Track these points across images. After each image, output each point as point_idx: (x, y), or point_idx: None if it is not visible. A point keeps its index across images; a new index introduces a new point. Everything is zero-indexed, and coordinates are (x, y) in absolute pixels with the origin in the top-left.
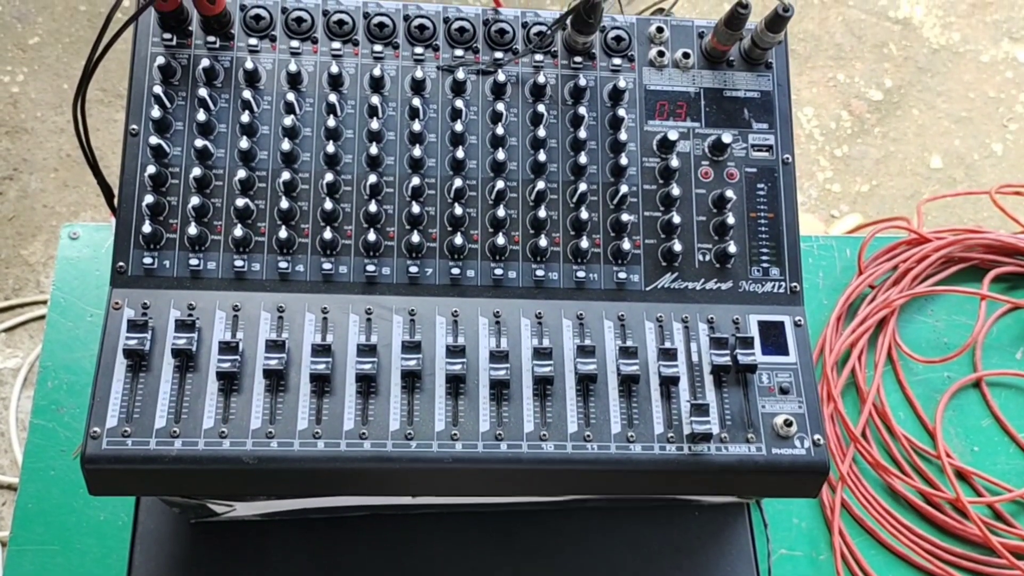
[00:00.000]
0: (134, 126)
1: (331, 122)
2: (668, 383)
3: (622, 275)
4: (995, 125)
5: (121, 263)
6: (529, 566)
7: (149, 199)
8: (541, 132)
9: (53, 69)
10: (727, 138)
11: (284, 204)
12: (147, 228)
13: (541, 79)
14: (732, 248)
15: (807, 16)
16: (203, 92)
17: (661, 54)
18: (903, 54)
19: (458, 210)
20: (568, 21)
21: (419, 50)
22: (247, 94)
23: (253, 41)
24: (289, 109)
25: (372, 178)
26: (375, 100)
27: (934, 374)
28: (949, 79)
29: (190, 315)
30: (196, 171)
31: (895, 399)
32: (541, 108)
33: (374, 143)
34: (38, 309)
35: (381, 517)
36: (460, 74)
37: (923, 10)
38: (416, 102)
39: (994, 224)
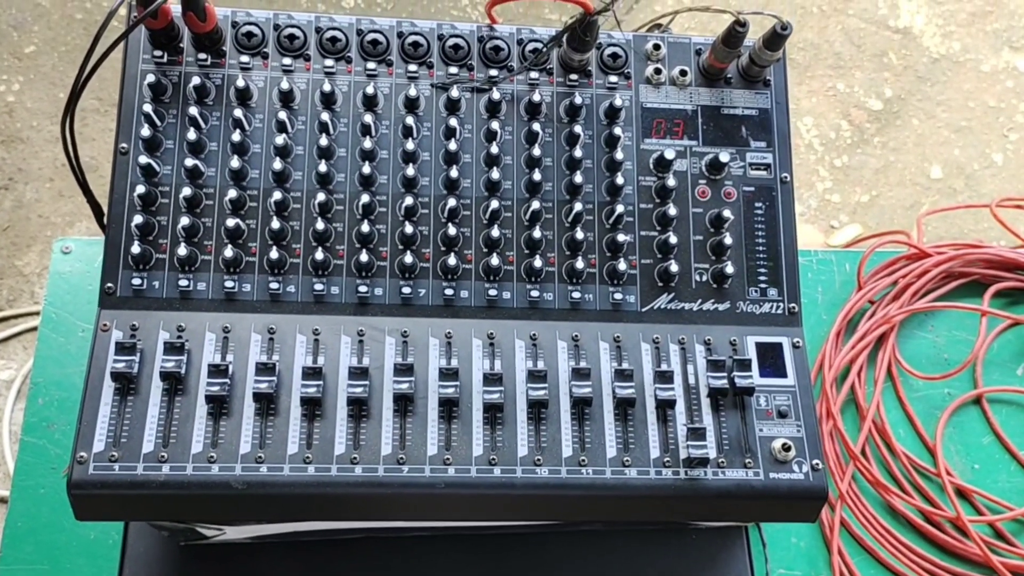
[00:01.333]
0: (124, 144)
1: (324, 141)
2: (664, 406)
3: (618, 296)
4: (995, 135)
5: (110, 284)
6: None
7: (138, 219)
8: (536, 151)
9: (49, 78)
10: (725, 156)
11: (275, 224)
12: (136, 248)
13: (536, 97)
14: (729, 268)
15: (806, 25)
16: (194, 110)
17: (658, 71)
18: (903, 63)
19: (451, 230)
20: (564, 38)
21: (413, 68)
22: (238, 112)
23: (245, 58)
24: (281, 128)
25: (365, 198)
26: (368, 118)
27: (934, 391)
28: (949, 88)
29: (179, 337)
30: (186, 191)
31: (895, 416)
32: (536, 126)
33: (366, 162)
34: (32, 320)
35: (373, 540)
36: (454, 92)
37: (923, 19)
38: (410, 120)
39: (994, 235)
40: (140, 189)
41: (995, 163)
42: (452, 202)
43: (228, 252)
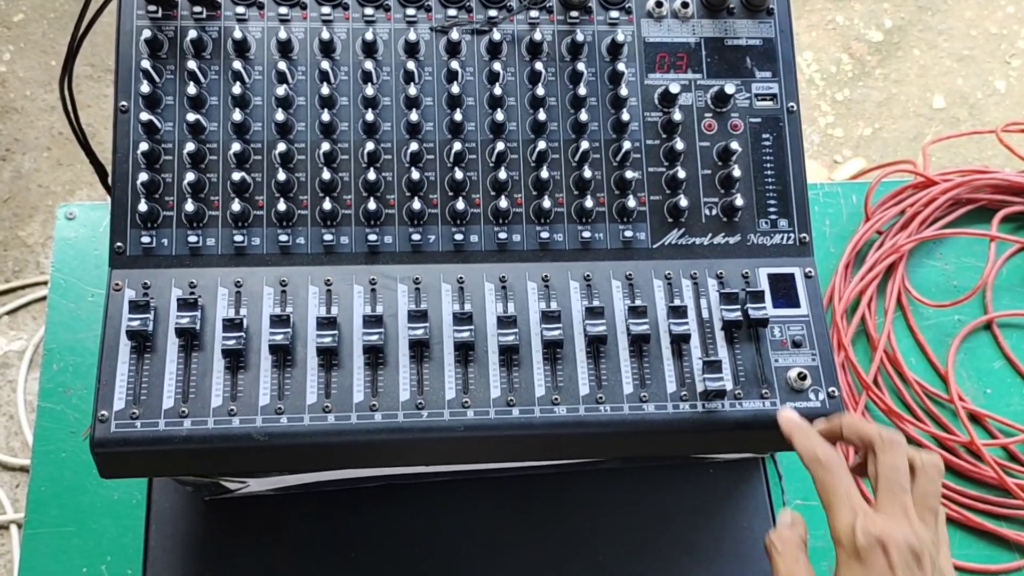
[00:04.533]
0: (123, 103)
1: (325, 90)
2: (679, 341)
3: (628, 233)
4: (998, 62)
5: (119, 243)
6: (544, 530)
7: (143, 177)
8: (540, 90)
9: (40, 46)
10: (730, 88)
11: (281, 176)
12: (143, 207)
13: (537, 36)
14: (739, 201)
15: None
16: (192, 64)
17: (659, 4)
18: None
19: (458, 174)
20: None
21: (411, 11)
22: (237, 65)
23: (240, 9)
24: (281, 78)
25: (369, 145)
26: (368, 65)
27: (944, 318)
28: (950, 17)
29: (192, 293)
30: (190, 146)
31: (906, 345)
32: (539, 66)
33: (370, 109)
34: (39, 290)
35: (395, 487)
36: (454, 35)
37: None
38: (411, 65)
39: (999, 163)
40: (143, 147)
41: (998, 91)
42: (458, 146)
43: (235, 206)
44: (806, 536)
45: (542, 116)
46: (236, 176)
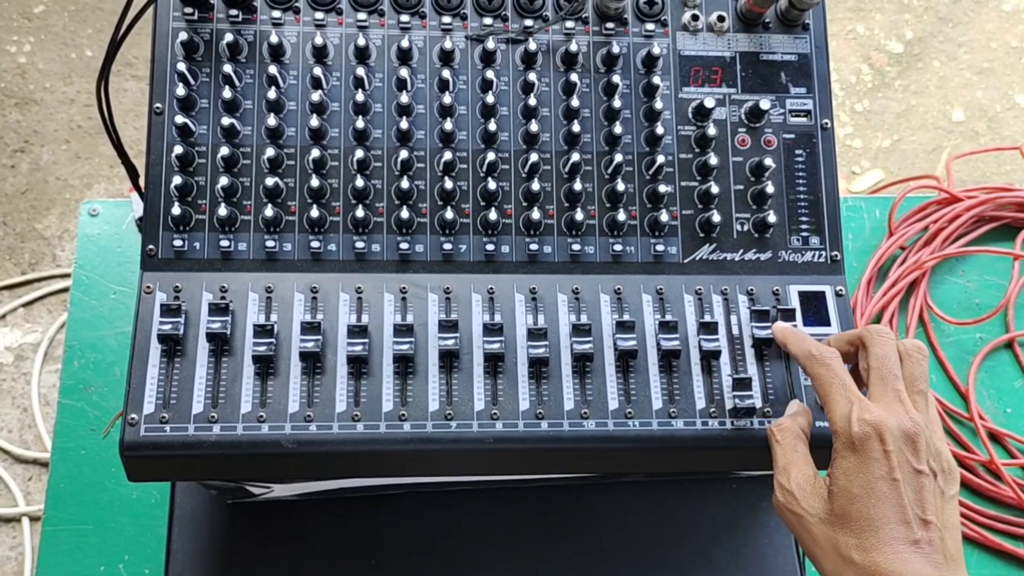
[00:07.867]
0: (158, 105)
1: (359, 96)
2: (709, 357)
3: (660, 247)
4: (1018, 76)
5: (151, 246)
6: (566, 541)
7: (177, 180)
8: (574, 102)
9: (60, 38)
10: (765, 104)
11: (314, 182)
12: (176, 210)
13: (573, 47)
14: (771, 217)
15: None
16: (228, 68)
17: (695, 18)
18: (924, 4)
19: (491, 184)
20: None
21: (447, 20)
22: (272, 69)
23: (276, 14)
24: (316, 84)
25: (403, 153)
26: (403, 72)
27: (966, 336)
28: (971, 29)
29: (223, 298)
30: (224, 150)
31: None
32: (574, 77)
33: (404, 117)
34: (55, 283)
35: (418, 494)
36: (490, 44)
37: None
38: (445, 74)
39: (1018, 177)
40: (178, 150)
41: (1018, 104)
42: (491, 156)
43: (268, 212)
44: (808, 428)
45: (576, 128)
46: (269, 181)
